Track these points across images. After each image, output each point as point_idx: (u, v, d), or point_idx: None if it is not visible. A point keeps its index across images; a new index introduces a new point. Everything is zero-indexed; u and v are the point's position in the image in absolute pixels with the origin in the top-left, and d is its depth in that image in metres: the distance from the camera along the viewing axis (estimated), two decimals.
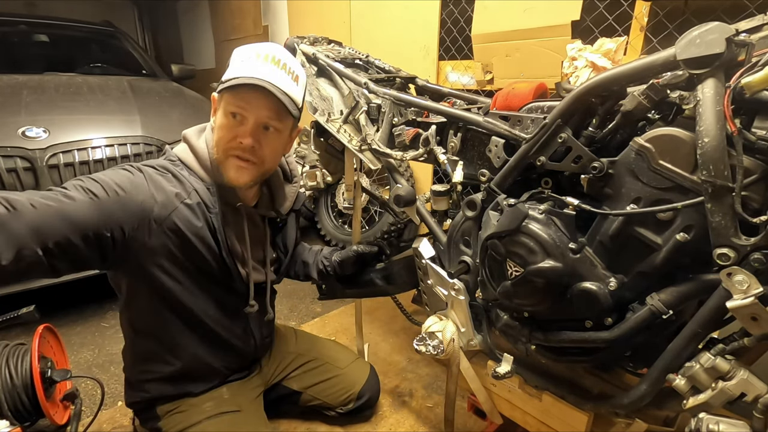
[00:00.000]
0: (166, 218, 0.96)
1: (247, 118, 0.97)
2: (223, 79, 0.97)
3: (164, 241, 0.97)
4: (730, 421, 0.68)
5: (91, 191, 0.88)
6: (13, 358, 1.29)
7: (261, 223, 1.20)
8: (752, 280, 0.62)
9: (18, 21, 2.98)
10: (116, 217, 0.90)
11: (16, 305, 1.40)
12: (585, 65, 1.59)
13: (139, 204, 0.93)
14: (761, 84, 0.59)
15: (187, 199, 0.99)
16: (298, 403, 1.39)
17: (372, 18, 2.65)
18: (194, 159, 1.04)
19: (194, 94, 2.79)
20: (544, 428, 1.07)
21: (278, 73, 0.96)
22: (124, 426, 1.43)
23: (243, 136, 0.97)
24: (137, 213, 0.93)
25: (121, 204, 0.90)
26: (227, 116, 0.98)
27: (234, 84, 0.94)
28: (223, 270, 1.07)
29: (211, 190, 1.02)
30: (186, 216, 0.98)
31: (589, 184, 0.79)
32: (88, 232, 0.85)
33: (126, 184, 0.93)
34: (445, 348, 1.08)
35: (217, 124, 1.01)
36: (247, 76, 0.94)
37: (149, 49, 6.27)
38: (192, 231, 0.99)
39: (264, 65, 0.96)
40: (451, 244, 1.09)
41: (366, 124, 1.23)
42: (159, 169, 1.00)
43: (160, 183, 0.97)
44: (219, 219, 1.02)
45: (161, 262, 0.99)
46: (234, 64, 0.98)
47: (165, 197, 0.96)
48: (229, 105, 0.96)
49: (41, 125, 1.88)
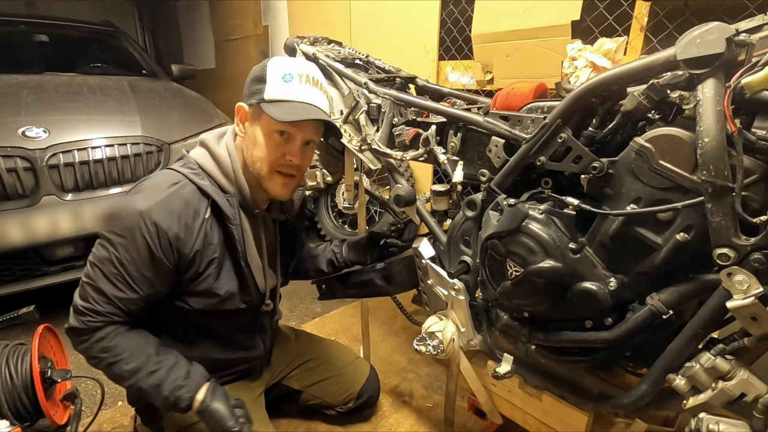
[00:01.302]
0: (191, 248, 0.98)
1: (295, 137, 1.01)
2: (265, 96, 0.97)
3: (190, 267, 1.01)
4: (730, 421, 0.68)
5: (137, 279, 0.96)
6: (13, 358, 1.28)
7: (272, 228, 1.21)
8: (752, 280, 0.62)
9: (18, 21, 2.98)
10: (166, 266, 0.97)
11: (16, 305, 1.40)
12: (585, 65, 1.58)
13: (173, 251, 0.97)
14: (761, 84, 0.59)
15: (202, 217, 1.00)
16: (298, 403, 1.40)
17: (372, 18, 2.65)
18: (216, 167, 1.03)
19: (194, 94, 2.78)
20: (544, 428, 1.07)
21: (316, 94, 1.01)
22: (124, 426, 1.43)
23: (292, 155, 1.01)
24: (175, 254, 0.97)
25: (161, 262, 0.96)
26: (274, 134, 0.99)
27: (285, 106, 0.97)
28: (241, 280, 1.08)
29: (231, 201, 1.02)
30: (201, 239, 0.99)
31: (589, 184, 0.79)
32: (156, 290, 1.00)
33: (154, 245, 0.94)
34: (445, 348, 1.08)
35: (258, 140, 1.00)
36: (297, 101, 0.97)
37: (149, 49, 6.27)
38: (208, 251, 1.01)
39: (305, 87, 0.99)
40: (451, 244, 1.09)
41: (366, 124, 1.23)
42: (174, 189, 0.98)
43: (178, 216, 0.96)
44: (240, 231, 1.02)
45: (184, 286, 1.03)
46: (274, 83, 0.97)
47: (187, 231, 0.97)
48: (277, 124, 0.97)
49: (41, 125, 1.88)
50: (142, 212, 0.93)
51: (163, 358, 1.01)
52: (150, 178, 1.02)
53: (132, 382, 0.98)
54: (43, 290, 1.88)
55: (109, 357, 0.97)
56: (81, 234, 1.89)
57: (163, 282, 0.99)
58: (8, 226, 1.76)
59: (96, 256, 0.96)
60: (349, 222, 2.85)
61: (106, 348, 0.97)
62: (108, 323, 0.98)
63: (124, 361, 0.97)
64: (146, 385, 0.98)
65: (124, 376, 0.98)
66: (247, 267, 1.07)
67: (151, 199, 0.95)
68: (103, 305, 0.96)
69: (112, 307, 0.97)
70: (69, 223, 1.86)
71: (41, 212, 1.80)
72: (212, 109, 2.63)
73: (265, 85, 0.97)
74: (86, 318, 0.96)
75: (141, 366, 0.98)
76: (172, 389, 0.98)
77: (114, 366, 0.98)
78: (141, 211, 0.93)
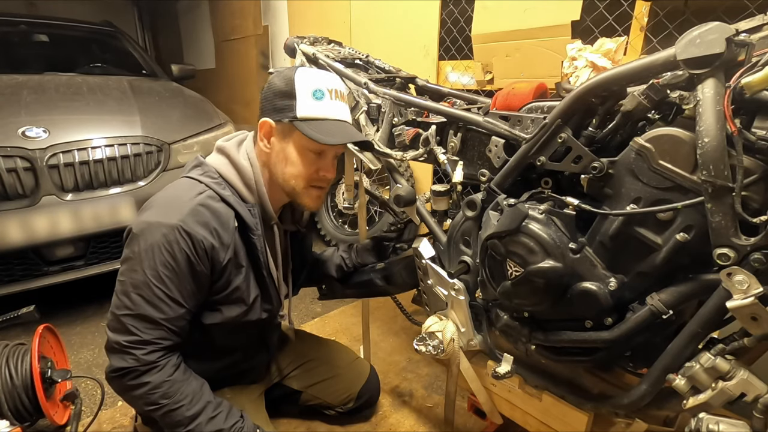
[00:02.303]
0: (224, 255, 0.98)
1: (328, 153, 1.03)
2: (298, 115, 0.96)
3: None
4: (730, 421, 0.68)
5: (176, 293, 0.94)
6: (13, 358, 1.29)
7: (283, 238, 1.21)
8: (752, 280, 0.62)
9: (18, 21, 2.97)
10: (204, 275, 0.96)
11: (16, 305, 1.40)
12: (585, 65, 1.58)
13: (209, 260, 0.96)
14: (761, 84, 0.60)
15: (232, 226, 0.99)
16: (298, 403, 1.40)
17: (372, 18, 2.65)
18: (237, 177, 1.02)
19: (194, 94, 2.78)
20: (544, 428, 1.07)
21: (345, 109, 1.03)
22: (124, 426, 1.43)
23: (327, 170, 1.04)
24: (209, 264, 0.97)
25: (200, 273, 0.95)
26: (308, 152, 1.00)
27: (321, 126, 0.97)
28: (262, 290, 1.08)
29: (252, 212, 1.01)
30: (232, 248, 0.99)
31: (589, 184, 0.79)
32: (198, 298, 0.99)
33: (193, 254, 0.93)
34: (445, 348, 1.08)
35: (291, 157, 1.00)
36: (331, 118, 0.98)
37: (149, 49, 6.28)
38: (237, 260, 1.01)
39: (336, 103, 1.00)
40: (451, 244, 1.09)
41: (366, 124, 1.23)
42: (202, 205, 0.96)
43: (210, 227, 0.95)
44: (262, 241, 1.02)
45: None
46: (306, 101, 0.96)
47: (220, 241, 0.97)
48: (313, 144, 0.97)
49: (41, 125, 1.88)
50: (175, 226, 0.90)
51: (218, 401, 1.02)
52: (169, 189, 0.99)
53: (191, 427, 0.95)
54: (43, 290, 1.88)
55: (171, 403, 0.94)
56: (81, 234, 1.89)
57: (203, 292, 0.98)
58: (8, 226, 1.75)
59: (129, 284, 0.91)
60: (349, 222, 2.85)
61: (167, 394, 0.93)
62: (160, 352, 0.94)
63: (185, 408, 0.95)
64: (206, 430, 0.96)
65: (183, 422, 0.95)
66: (270, 276, 1.07)
67: (181, 211, 0.92)
68: (151, 332, 0.92)
69: (162, 332, 0.93)
70: (69, 223, 1.85)
71: (41, 212, 1.80)
72: (212, 109, 2.63)
73: (294, 102, 0.96)
74: (135, 352, 0.91)
75: (202, 411, 0.97)
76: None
77: (174, 413, 0.94)
78: (174, 225, 0.90)
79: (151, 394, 0.92)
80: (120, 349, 0.91)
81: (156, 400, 0.93)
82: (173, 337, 0.95)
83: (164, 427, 0.98)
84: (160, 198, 0.97)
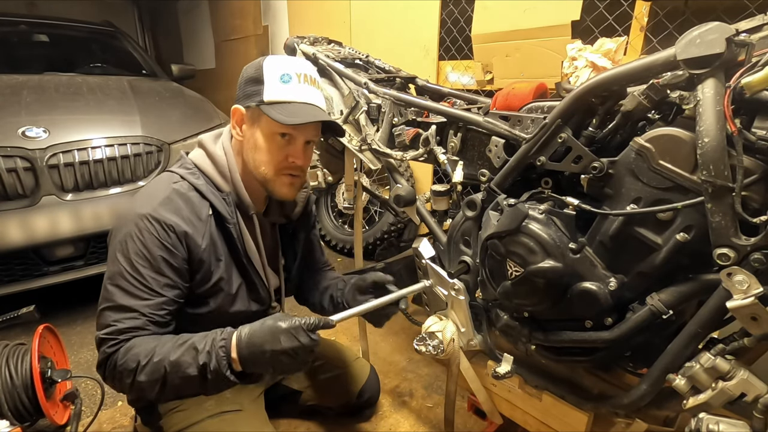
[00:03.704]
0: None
1: (297, 138, 1.01)
2: (264, 98, 0.96)
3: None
4: (730, 421, 0.68)
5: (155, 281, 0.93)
6: (13, 358, 1.29)
7: (270, 231, 1.20)
8: (752, 280, 0.62)
9: (18, 21, 2.98)
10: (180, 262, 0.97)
11: (16, 305, 1.40)
12: (585, 65, 1.58)
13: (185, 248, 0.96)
14: (761, 84, 0.59)
15: (206, 214, 1.00)
16: (298, 403, 1.39)
17: (372, 18, 2.65)
18: (212, 167, 1.04)
19: (194, 94, 2.79)
20: (544, 428, 1.07)
21: (315, 93, 1.01)
22: (124, 426, 1.43)
23: (296, 156, 1.01)
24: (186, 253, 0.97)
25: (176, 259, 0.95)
26: (275, 136, 0.99)
27: (286, 108, 0.96)
28: (246, 278, 1.08)
29: (227, 200, 1.02)
30: (208, 236, 1.00)
31: (589, 184, 0.79)
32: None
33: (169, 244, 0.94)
34: (445, 348, 1.07)
35: (259, 143, 1.00)
36: (298, 101, 0.97)
37: (149, 49, 6.28)
38: (215, 249, 1.01)
39: (304, 87, 0.99)
40: (451, 244, 1.09)
41: (366, 124, 1.23)
42: (173, 196, 0.97)
43: (182, 214, 0.96)
44: (237, 229, 1.03)
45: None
46: (272, 84, 0.97)
47: (194, 228, 0.97)
48: (278, 126, 0.97)
49: (41, 125, 1.88)
50: (144, 214, 0.93)
51: (185, 335, 0.94)
52: (150, 184, 1.02)
53: (165, 364, 0.87)
54: (43, 290, 1.88)
55: (142, 360, 0.88)
56: (81, 234, 1.89)
57: (185, 281, 0.98)
58: (8, 226, 1.76)
59: (107, 277, 0.93)
60: (349, 222, 2.85)
61: (147, 352, 0.88)
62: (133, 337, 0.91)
63: (156, 354, 0.88)
64: (177, 355, 0.88)
65: (158, 367, 0.87)
66: (250, 264, 1.07)
67: (153, 200, 0.95)
68: (129, 321, 0.91)
69: (140, 320, 0.91)
70: (69, 223, 1.86)
71: (41, 212, 1.80)
72: (212, 109, 2.63)
73: (262, 87, 0.97)
74: (111, 342, 0.90)
75: (169, 349, 0.89)
76: (209, 342, 0.88)
77: (147, 366, 0.88)
78: (144, 214, 0.93)
79: (132, 361, 0.88)
80: (100, 343, 0.92)
81: (130, 365, 0.88)
82: (153, 327, 0.93)
83: (168, 395, 0.94)
84: (139, 193, 1.01)
